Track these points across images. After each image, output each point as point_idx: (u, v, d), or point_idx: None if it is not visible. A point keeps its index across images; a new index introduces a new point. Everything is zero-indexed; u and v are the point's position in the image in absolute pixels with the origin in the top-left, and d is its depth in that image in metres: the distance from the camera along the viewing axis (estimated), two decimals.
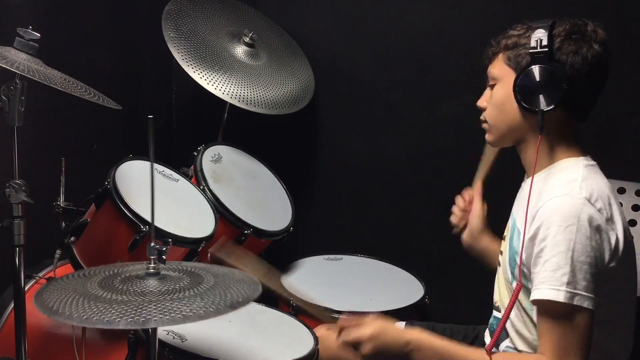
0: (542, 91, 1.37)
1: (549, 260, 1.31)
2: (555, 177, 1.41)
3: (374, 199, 2.62)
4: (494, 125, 1.50)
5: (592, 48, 1.38)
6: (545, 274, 1.31)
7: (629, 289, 1.44)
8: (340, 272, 2.25)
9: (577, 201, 1.32)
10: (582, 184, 1.35)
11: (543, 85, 1.37)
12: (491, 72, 1.49)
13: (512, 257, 1.46)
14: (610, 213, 1.35)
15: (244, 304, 1.23)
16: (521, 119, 1.44)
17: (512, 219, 1.54)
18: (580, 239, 1.29)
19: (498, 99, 1.47)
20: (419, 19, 2.44)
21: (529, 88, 1.38)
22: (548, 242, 1.31)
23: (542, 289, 1.31)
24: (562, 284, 1.29)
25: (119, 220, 1.70)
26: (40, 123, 1.98)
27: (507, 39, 1.45)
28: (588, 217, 1.30)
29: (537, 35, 1.38)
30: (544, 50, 1.36)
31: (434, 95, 2.44)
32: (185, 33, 2.27)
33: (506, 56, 1.44)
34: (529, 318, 1.42)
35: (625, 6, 2.12)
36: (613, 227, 1.34)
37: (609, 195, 1.37)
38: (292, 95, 2.41)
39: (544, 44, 1.36)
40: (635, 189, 1.94)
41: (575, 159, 1.43)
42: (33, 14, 2.05)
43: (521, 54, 1.41)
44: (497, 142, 1.53)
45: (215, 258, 1.68)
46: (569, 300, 1.28)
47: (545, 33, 1.37)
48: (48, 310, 1.17)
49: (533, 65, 1.38)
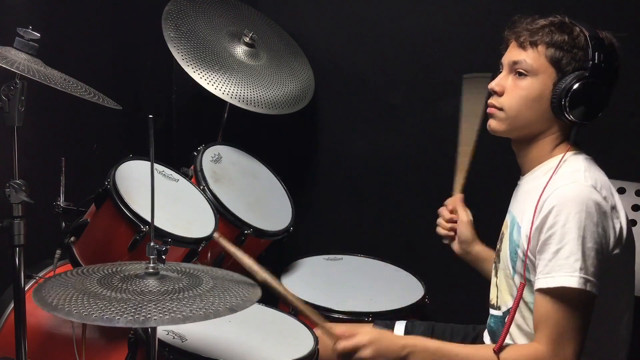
0: (587, 104, 1.38)
1: (563, 247, 1.31)
2: (558, 170, 1.42)
3: (374, 199, 2.62)
4: (511, 117, 1.45)
5: (619, 64, 1.43)
6: (560, 261, 1.31)
7: (629, 281, 1.45)
8: (340, 272, 2.26)
9: (584, 188, 1.34)
10: (585, 173, 1.38)
11: (590, 98, 1.38)
12: (527, 61, 1.43)
13: (512, 251, 1.47)
14: (614, 201, 1.38)
15: (243, 307, 1.24)
16: (545, 120, 1.44)
17: (510, 216, 1.55)
18: (589, 225, 1.31)
19: (530, 93, 1.43)
20: (418, 19, 2.44)
21: (576, 98, 1.38)
22: (557, 229, 1.32)
23: (557, 276, 1.31)
24: (575, 270, 1.30)
25: (119, 220, 1.70)
26: (40, 123, 1.98)
27: (553, 34, 1.41)
28: (595, 203, 1.32)
29: (595, 46, 1.38)
30: (602, 65, 1.38)
31: (434, 95, 2.44)
32: (185, 33, 2.27)
33: (551, 52, 1.41)
34: (529, 312, 1.43)
35: (625, 6, 2.12)
36: (617, 215, 1.37)
37: (610, 185, 1.40)
38: (292, 95, 2.41)
39: (602, 58, 1.38)
40: (635, 189, 1.95)
41: (573, 153, 1.45)
42: (33, 14, 2.05)
43: (570, 57, 1.40)
44: (505, 132, 1.49)
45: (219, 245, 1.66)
46: (582, 286, 1.30)
47: (602, 46, 1.38)
48: (47, 305, 1.17)
49: (590, 78, 1.38)
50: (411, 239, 2.55)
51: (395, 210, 2.59)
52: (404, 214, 2.58)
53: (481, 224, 1.76)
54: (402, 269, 2.26)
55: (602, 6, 2.10)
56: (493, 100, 1.49)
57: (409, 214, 2.57)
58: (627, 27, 2.09)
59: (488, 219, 1.70)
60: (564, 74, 1.40)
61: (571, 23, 1.43)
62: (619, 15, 2.11)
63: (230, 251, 1.56)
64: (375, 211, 2.63)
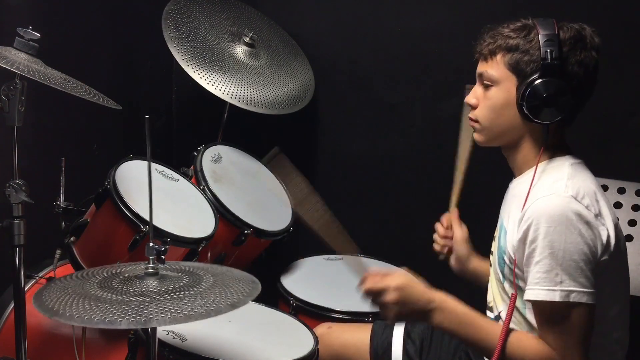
0: (550, 104, 1.34)
1: (541, 261, 1.31)
2: (542, 177, 1.40)
3: (374, 199, 2.62)
4: (487, 127, 1.46)
5: (592, 56, 1.37)
6: (539, 275, 1.31)
7: (621, 286, 1.44)
8: (340, 272, 2.25)
9: (562, 200, 1.31)
10: (567, 182, 1.35)
11: (551, 98, 1.34)
12: (488, 72, 1.43)
13: (500, 257, 1.47)
14: (598, 209, 1.34)
15: (244, 302, 1.23)
16: (518, 125, 1.42)
17: (500, 219, 1.55)
18: (571, 237, 1.29)
19: (496, 102, 1.43)
20: (418, 19, 2.44)
21: (536, 100, 1.35)
22: (538, 243, 1.31)
23: (537, 289, 1.31)
24: (556, 284, 1.29)
25: (119, 220, 1.70)
26: (40, 123, 1.98)
27: (508, 39, 1.39)
28: (576, 213, 1.30)
29: (546, 44, 1.34)
30: (555, 62, 1.33)
31: (434, 95, 2.44)
32: (185, 33, 2.27)
33: (507, 59, 1.39)
34: (522, 317, 1.42)
35: (625, 6, 2.12)
36: (602, 221, 1.34)
37: (595, 192, 1.37)
38: (292, 95, 2.41)
39: (555, 55, 1.33)
40: (635, 189, 1.94)
41: (561, 158, 1.43)
42: (33, 14, 2.05)
43: (526, 60, 1.37)
44: (487, 142, 1.49)
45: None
46: (565, 299, 1.29)
47: (554, 42, 1.33)
48: (49, 311, 1.17)
49: (543, 78, 1.34)
50: (411, 239, 2.54)
51: (395, 210, 2.59)
52: (404, 214, 2.58)
53: (482, 225, 1.75)
54: (402, 269, 2.25)
55: (601, 6, 2.10)
56: (470, 114, 1.50)
57: (409, 214, 2.57)
58: (628, 26, 2.11)
59: (488, 220, 1.70)
60: (524, 78, 1.37)
61: (533, 23, 1.39)
62: (619, 15, 2.11)
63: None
64: (375, 211, 2.63)
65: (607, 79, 1.48)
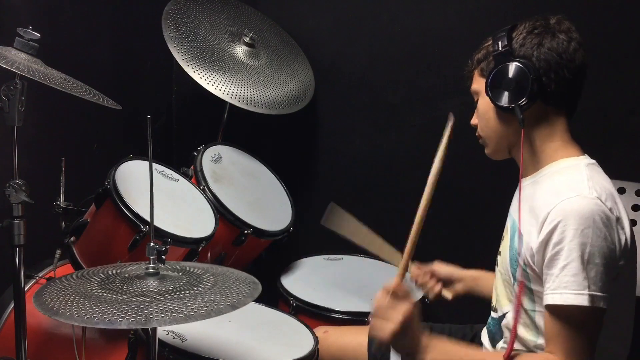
0: (510, 87, 1.39)
1: (569, 264, 1.29)
2: (558, 177, 1.40)
3: (374, 198, 2.62)
4: (486, 137, 1.52)
5: (557, 37, 1.39)
6: (566, 278, 1.29)
7: (630, 287, 1.44)
8: (340, 272, 2.25)
9: (590, 202, 1.31)
10: (589, 183, 1.34)
11: (510, 82, 1.39)
12: (473, 88, 1.52)
13: (513, 258, 1.45)
14: (619, 212, 1.35)
15: (244, 303, 1.23)
16: (505, 123, 1.45)
17: (510, 219, 1.54)
18: (596, 241, 1.28)
19: (481, 110, 1.50)
20: (418, 19, 2.44)
21: (498, 88, 1.41)
22: (565, 245, 1.30)
23: (565, 294, 1.29)
24: (584, 288, 1.28)
25: (119, 220, 1.70)
26: (40, 123, 1.99)
27: (478, 53, 1.49)
28: (602, 217, 1.29)
29: (497, 39, 1.42)
30: (504, 49, 1.40)
31: (434, 95, 2.44)
32: (185, 33, 2.27)
33: (480, 69, 1.48)
34: (529, 319, 1.42)
35: (625, 6, 2.12)
36: (622, 225, 1.34)
37: (613, 194, 1.37)
38: (292, 95, 2.41)
39: (504, 44, 1.40)
40: (635, 189, 1.94)
41: (574, 158, 1.42)
42: (33, 14, 2.05)
43: (487, 61, 1.45)
44: (494, 153, 1.53)
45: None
46: (592, 304, 1.28)
47: (504, 34, 1.41)
48: (49, 310, 1.17)
49: (497, 66, 1.41)
50: None
51: (395, 210, 2.59)
52: (404, 214, 2.57)
53: (483, 225, 1.75)
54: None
55: (601, 6, 2.09)
56: (476, 133, 1.56)
57: (409, 214, 2.56)
58: (627, 26, 2.11)
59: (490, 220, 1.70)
60: (488, 76, 1.44)
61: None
62: (619, 15, 2.11)
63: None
64: (375, 211, 2.62)
65: (607, 79, 1.48)
